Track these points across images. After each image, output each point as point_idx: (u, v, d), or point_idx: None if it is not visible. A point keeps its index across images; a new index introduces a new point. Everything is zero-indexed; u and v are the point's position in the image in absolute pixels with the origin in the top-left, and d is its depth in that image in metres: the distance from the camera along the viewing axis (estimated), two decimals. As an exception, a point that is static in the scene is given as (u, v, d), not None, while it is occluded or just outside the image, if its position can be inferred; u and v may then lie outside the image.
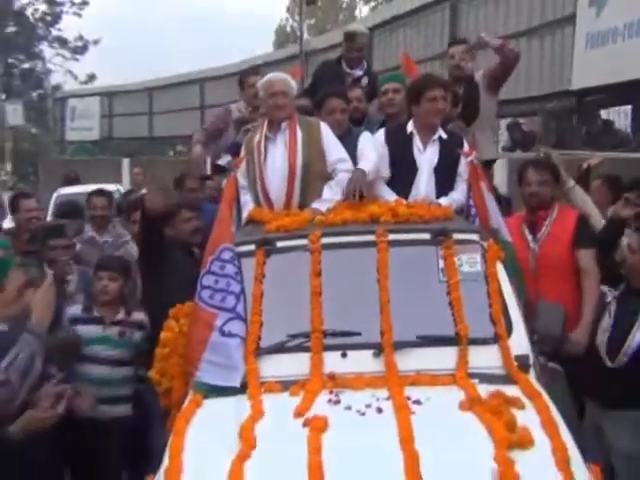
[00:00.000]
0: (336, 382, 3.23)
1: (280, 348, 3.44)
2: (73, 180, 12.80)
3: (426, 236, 3.69)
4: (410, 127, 4.55)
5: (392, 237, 3.67)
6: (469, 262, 3.62)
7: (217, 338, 3.43)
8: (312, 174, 4.43)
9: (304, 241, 3.69)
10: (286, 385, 3.24)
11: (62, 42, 29.68)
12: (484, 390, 3.05)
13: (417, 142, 4.52)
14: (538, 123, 6.79)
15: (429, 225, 3.76)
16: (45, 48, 29.90)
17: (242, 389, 3.24)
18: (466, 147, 4.57)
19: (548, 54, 8.93)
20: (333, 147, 4.52)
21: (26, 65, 29.80)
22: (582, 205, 4.69)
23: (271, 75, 4.63)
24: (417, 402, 2.95)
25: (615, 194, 4.89)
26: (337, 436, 2.69)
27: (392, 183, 4.56)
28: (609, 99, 8.70)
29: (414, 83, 4.70)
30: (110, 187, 8.72)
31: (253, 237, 3.80)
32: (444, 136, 4.53)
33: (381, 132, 4.69)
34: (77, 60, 29.77)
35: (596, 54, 7.74)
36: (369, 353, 3.37)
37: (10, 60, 28.04)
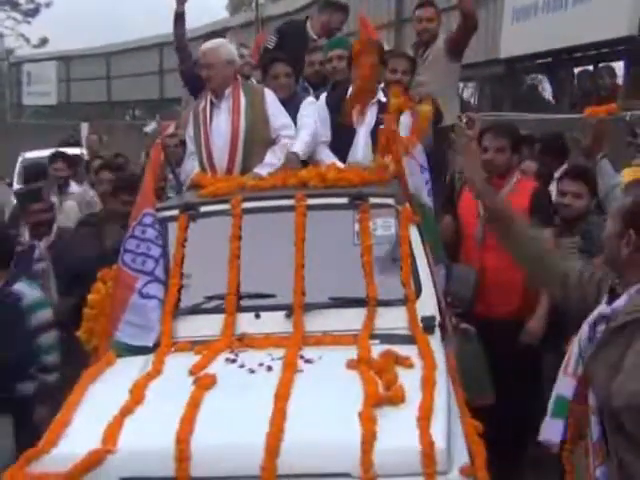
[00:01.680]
0: (243, 342, 3.35)
1: (196, 309, 3.56)
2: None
3: (344, 200, 3.76)
4: (350, 92, 4.61)
5: (310, 202, 3.75)
6: (383, 226, 3.70)
7: (136, 300, 3.56)
8: (255, 139, 4.53)
9: (226, 206, 3.79)
10: (196, 345, 3.37)
11: (13, 4, 29.26)
12: (380, 350, 3.15)
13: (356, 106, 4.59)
14: (473, 88, 7.17)
15: (347, 190, 3.83)
16: None
17: (154, 349, 3.38)
18: (406, 122, 4.61)
19: (482, 25, 9.67)
20: (277, 113, 4.61)
21: None
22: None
23: (202, 46, 4.69)
24: (309, 361, 3.06)
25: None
26: (220, 393, 2.81)
27: (333, 146, 4.66)
28: (533, 67, 9.63)
29: (353, 49, 4.73)
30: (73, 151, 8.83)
31: (177, 202, 3.90)
32: (383, 99, 4.59)
33: (323, 96, 4.76)
34: (29, 23, 29.27)
35: (520, 26, 8.80)
36: (282, 314, 3.48)
37: None
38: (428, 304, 3.48)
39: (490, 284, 4.07)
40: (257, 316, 3.50)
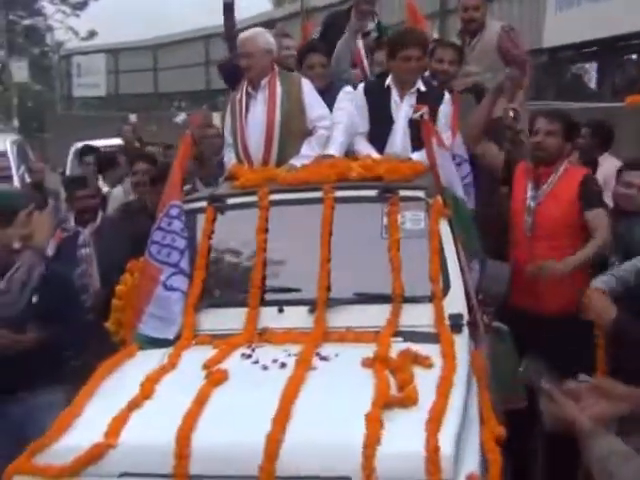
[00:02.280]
0: (264, 337, 3.29)
1: (220, 303, 3.53)
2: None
3: (372, 193, 3.65)
4: (388, 80, 4.48)
5: (339, 194, 3.66)
6: (413, 219, 3.57)
7: (160, 292, 3.54)
8: (291, 130, 4.44)
9: (254, 198, 3.73)
10: (217, 339, 3.33)
11: None
12: (401, 348, 3.04)
13: (394, 95, 4.45)
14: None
15: (376, 182, 3.72)
16: (46, 4, 30.15)
17: (175, 342, 3.36)
18: (447, 100, 4.47)
19: (526, 16, 9.92)
20: (314, 103, 4.51)
21: (28, 22, 30.01)
22: None
23: (240, 35, 4.63)
24: (324, 358, 2.98)
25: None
26: (229, 389, 2.76)
27: (371, 137, 4.53)
28: (577, 56, 9.67)
29: (391, 37, 4.60)
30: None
31: (205, 194, 3.87)
32: (423, 88, 4.43)
33: (361, 86, 4.63)
34: (78, 16, 29.78)
35: (564, 16, 8.87)
36: (305, 309, 3.41)
37: (12, 17, 28.17)
38: (456, 301, 3.35)
39: (539, 275, 3.84)
40: (280, 310, 3.43)
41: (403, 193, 3.61)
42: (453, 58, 5.06)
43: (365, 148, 4.43)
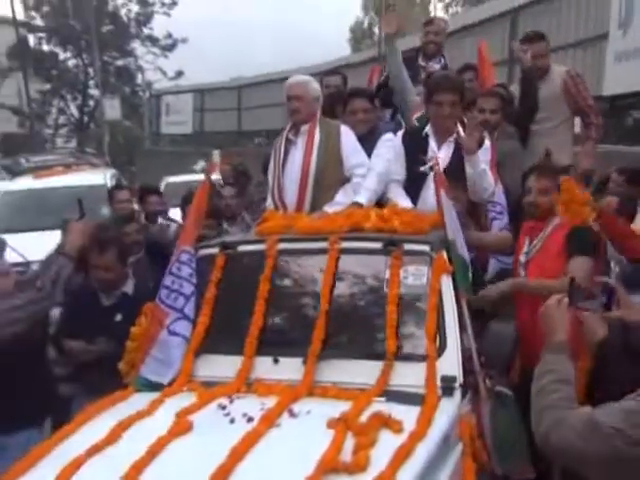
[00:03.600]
0: (251, 388, 3.28)
1: (218, 350, 3.55)
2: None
3: (378, 245, 3.58)
4: (427, 128, 4.40)
5: (345, 245, 3.61)
6: (415, 274, 3.46)
7: (164, 336, 3.62)
8: (326, 178, 4.44)
9: (263, 246, 3.75)
10: (210, 386, 3.35)
11: (153, 40, 31.40)
12: (380, 408, 2.94)
13: (432, 143, 4.37)
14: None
15: (382, 234, 3.64)
16: (137, 46, 31.82)
17: (169, 387, 3.41)
18: (486, 147, 4.32)
19: (588, 65, 10.31)
20: (351, 151, 4.50)
21: (120, 62, 31.85)
22: None
23: (290, 79, 4.71)
24: (293, 415, 2.93)
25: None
26: (186, 441, 2.77)
27: (407, 185, 4.46)
28: (636, 103, 10.24)
29: (428, 81, 4.51)
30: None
31: (219, 240, 3.94)
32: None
33: (400, 133, 4.57)
34: (166, 57, 31.24)
35: (623, 67, 9.28)
36: (300, 361, 3.37)
37: (106, 58, 29.87)
38: (450, 363, 3.20)
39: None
40: (276, 361, 3.41)
41: (408, 247, 3.51)
42: (495, 107, 4.93)
43: (398, 196, 4.36)
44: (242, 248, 3.83)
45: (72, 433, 2.98)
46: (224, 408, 3.05)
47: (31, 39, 31.23)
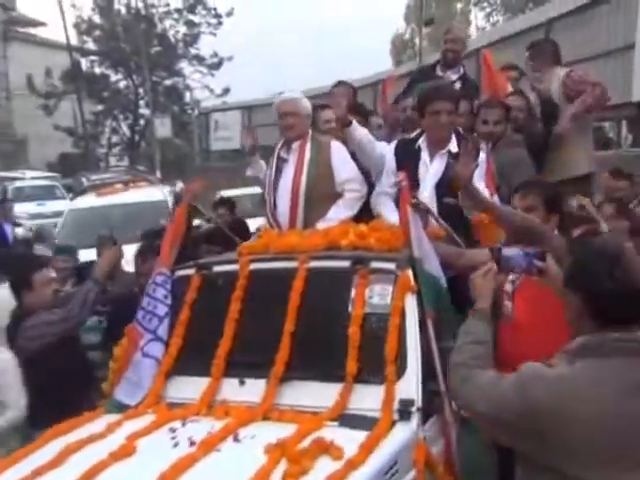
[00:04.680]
0: (211, 410, 3.28)
1: (187, 371, 3.56)
2: None
3: (346, 264, 3.54)
4: (420, 140, 4.32)
5: (313, 264, 3.58)
6: (380, 294, 3.40)
7: (138, 357, 3.66)
8: (317, 194, 4.42)
9: (236, 266, 3.75)
10: (175, 407, 3.36)
11: (200, 59, 32.22)
12: (333, 433, 2.90)
13: (424, 156, 4.28)
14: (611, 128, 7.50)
15: (351, 252, 3.59)
16: (185, 66, 32.78)
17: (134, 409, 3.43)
18: (481, 161, 4.22)
19: (618, 71, 10.45)
20: (342, 166, 4.47)
21: (168, 82, 32.84)
22: None
23: (281, 96, 4.71)
24: (237, 440, 2.91)
25: None
26: (122, 466, 2.79)
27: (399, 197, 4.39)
28: None
29: (421, 93, 4.41)
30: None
31: (194, 262, 3.95)
32: (454, 149, 4.22)
33: (393, 144, 4.50)
34: (213, 75, 31.93)
35: None
36: (264, 382, 3.35)
37: (155, 78, 30.80)
38: (409, 386, 3.13)
39: None
40: (242, 382, 3.41)
41: (375, 265, 3.46)
42: (499, 118, 4.83)
43: (386, 210, 4.29)
44: (217, 269, 3.83)
45: (28, 454, 3.03)
46: (174, 431, 3.06)
47: (83, 63, 32.19)
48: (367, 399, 3.13)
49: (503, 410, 2.19)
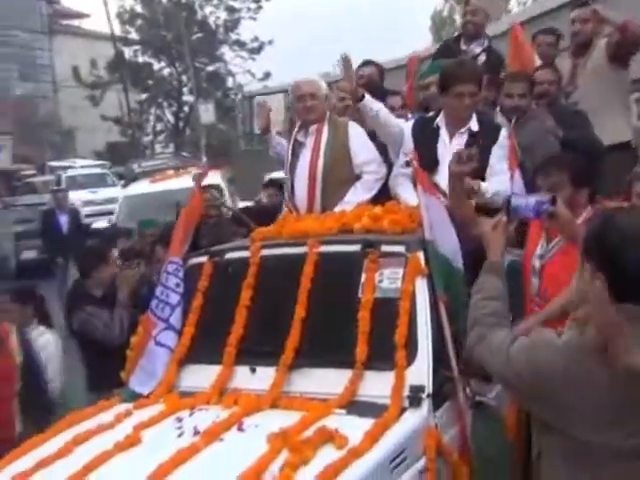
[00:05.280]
0: (221, 399, 3.25)
1: (202, 359, 3.53)
2: None
3: (356, 248, 3.45)
4: (439, 119, 4.18)
5: (324, 249, 3.51)
6: (390, 277, 3.31)
7: (151, 346, 3.65)
8: (335, 177, 4.34)
9: (248, 253, 3.70)
10: (187, 396, 3.35)
11: (241, 44, 32.51)
12: (340, 421, 2.85)
13: (443, 135, 4.13)
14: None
15: (361, 236, 3.51)
16: (226, 51, 33.22)
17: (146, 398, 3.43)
18: (502, 139, 4.07)
19: None
20: (360, 148, 4.38)
21: (210, 68, 33.18)
22: None
23: (299, 78, 4.63)
24: (241, 429, 2.87)
25: None
26: (126, 456, 2.78)
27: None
28: None
29: (444, 71, 4.19)
30: None
31: (206, 249, 3.92)
32: (475, 128, 4.08)
33: (409, 124, 4.37)
34: (254, 60, 32.18)
35: None
36: (275, 370, 3.31)
37: (197, 64, 31.08)
38: (420, 372, 3.04)
39: None
40: (253, 370, 3.37)
41: (385, 248, 3.37)
42: (524, 91, 4.64)
43: (405, 193, 4.18)
44: (229, 255, 3.79)
45: (40, 443, 3.05)
46: (180, 421, 3.04)
47: (127, 52, 32.56)
48: (377, 386, 3.06)
49: (512, 372, 2.19)
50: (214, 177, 10.92)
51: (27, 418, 4.00)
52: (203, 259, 3.82)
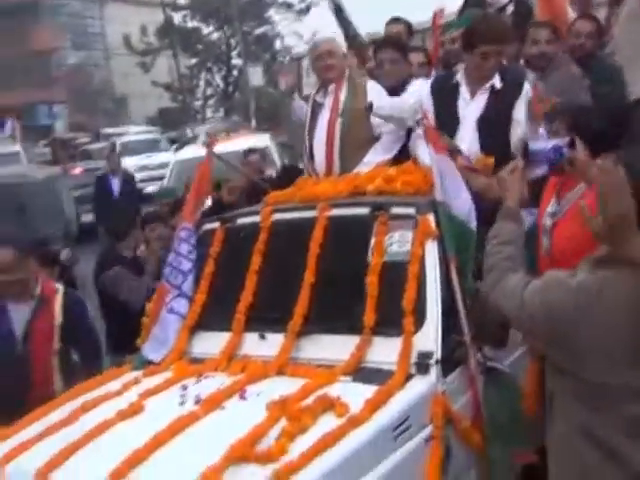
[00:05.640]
0: (229, 365, 3.22)
1: (213, 326, 3.50)
2: None
3: (365, 211, 3.34)
4: (459, 76, 4.00)
5: (334, 212, 3.41)
6: (400, 241, 3.20)
7: (164, 314, 3.63)
8: (354, 138, 4.20)
9: (258, 218, 3.63)
10: (196, 363, 3.33)
11: (288, 6, 32.21)
12: (344, 388, 2.79)
13: (464, 92, 3.92)
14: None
15: (371, 198, 3.39)
16: (273, 14, 33.09)
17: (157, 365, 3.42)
18: (526, 92, 3.87)
19: None
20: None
21: (258, 31, 32.89)
22: None
23: (318, 36, 4.50)
24: (243, 397, 2.83)
25: None
26: (126, 425, 2.77)
27: None
28: None
29: (470, 29, 3.96)
30: None
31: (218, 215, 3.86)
32: (498, 85, 3.88)
33: (427, 83, 4.19)
34: (301, 21, 31.62)
35: None
36: (283, 337, 3.25)
37: (245, 28, 30.77)
38: (428, 337, 2.94)
39: None
40: (262, 337, 3.32)
41: (395, 210, 3.25)
42: (549, 37, 4.41)
43: (422, 152, 4.03)
44: (240, 221, 3.73)
45: (49, 411, 3.07)
46: (185, 389, 3.01)
47: (176, 18, 32.59)
48: (385, 352, 2.97)
49: (527, 314, 2.21)
50: (262, 140, 10.92)
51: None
52: (215, 225, 3.77)
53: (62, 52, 35.10)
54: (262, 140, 11.08)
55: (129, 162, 19.50)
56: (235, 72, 32.79)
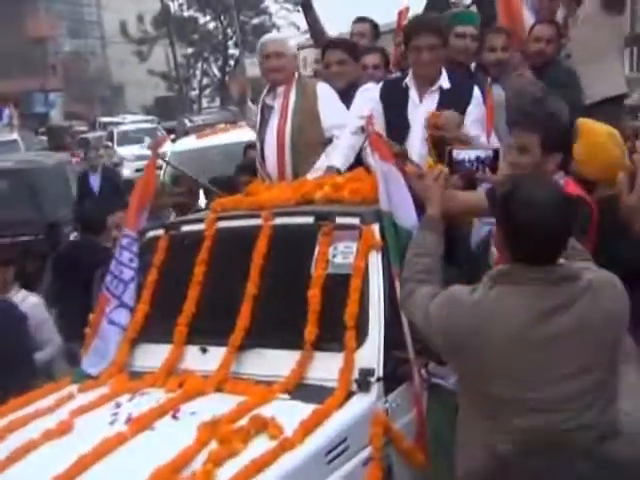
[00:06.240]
0: (166, 381, 3.08)
1: (155, 338, 3.36)
2: None
3: (309, 220, 3.20)
4: (407, 79, 3.85)
5: (278, 221, 3.27)
6: (344, 252, 3.06)
7: (104, 324, 3.48)
8: (305, 142, 4.04)
9: (203, 225, 3.49)
10: (135, 377, 3.19)
11: None
12: (280, 406, 2.68)
13: (413, 95, 3.80)
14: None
15: (316, 207, 3.24)
16: (270, 4, 32.97)
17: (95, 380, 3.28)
18: (476, 97, 3.73)
19: None
20: (329, 110, 4.07)
21: (255, 21, 32.87)
22: None
23: (265, 37, 4.35)
24: (175, 417, 2.71)
25: None
26: (52, 446, 2.65)
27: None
28: None
29: (404, 27, 3.92)
30: None
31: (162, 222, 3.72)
32: (446, 86, 3.75)
33: (378, 87, 4.02)
34: (298, 12, 30.95)
35: None
36: (225, 350, 3.11)
37: (242, 18, 30.56)
38: (370, 354, 2.82)
39: None
40: (203, 350, 3.18)
41: (339, 220, 3.11)
42: (505, 44, 4.26)
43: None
44: (185, 228, 3.59)
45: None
46: (118, 407, 2.88)
47: (172, 6, 32.36)
48: (326, 368, 2.85)
49: (430, 326, 2.28)
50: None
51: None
52: (159, 232, 3.62)
53: (59, 40, 34.87)
54: None
55: (127, 151, 19.30)
56: (232, 62, 32.57)
